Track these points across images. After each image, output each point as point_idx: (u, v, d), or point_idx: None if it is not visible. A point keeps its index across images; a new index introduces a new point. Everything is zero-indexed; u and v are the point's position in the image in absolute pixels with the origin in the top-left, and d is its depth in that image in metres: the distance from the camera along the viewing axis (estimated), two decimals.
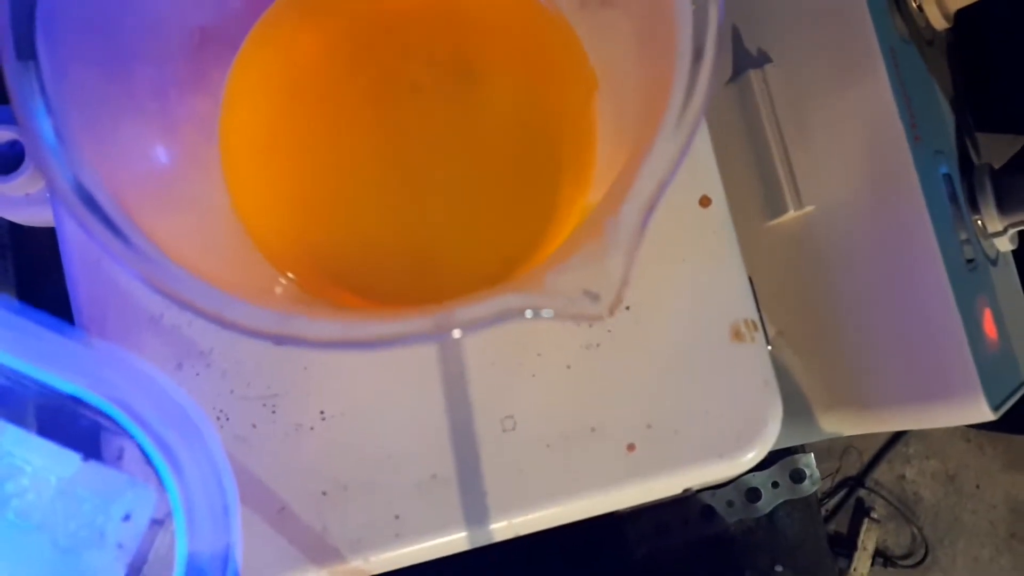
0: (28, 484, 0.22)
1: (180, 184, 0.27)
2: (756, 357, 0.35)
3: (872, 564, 1.01)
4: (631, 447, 0.34)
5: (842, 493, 1.03)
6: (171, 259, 0.21)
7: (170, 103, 0.27)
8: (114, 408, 0.21)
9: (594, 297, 0.18)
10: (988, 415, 0.36)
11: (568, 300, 0.18)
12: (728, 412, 0.34)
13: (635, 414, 0.34)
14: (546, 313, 0.18)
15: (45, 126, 0.23)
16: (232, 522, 0.22)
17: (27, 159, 0.38)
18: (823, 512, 1.02)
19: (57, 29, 0.24)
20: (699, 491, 0.47)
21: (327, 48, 0.32)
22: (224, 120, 0.30)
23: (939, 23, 0.44)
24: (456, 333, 0.19)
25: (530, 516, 0.34)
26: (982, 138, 0.53)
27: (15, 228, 0.42)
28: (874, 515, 1.02)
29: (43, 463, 0.22)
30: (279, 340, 0.19)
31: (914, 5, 0.44)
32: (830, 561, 0.53)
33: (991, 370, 0.37)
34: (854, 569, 1.00)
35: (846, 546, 1.01)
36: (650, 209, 0.19)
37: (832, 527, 1.03)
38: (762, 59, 0.41)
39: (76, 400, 0.21)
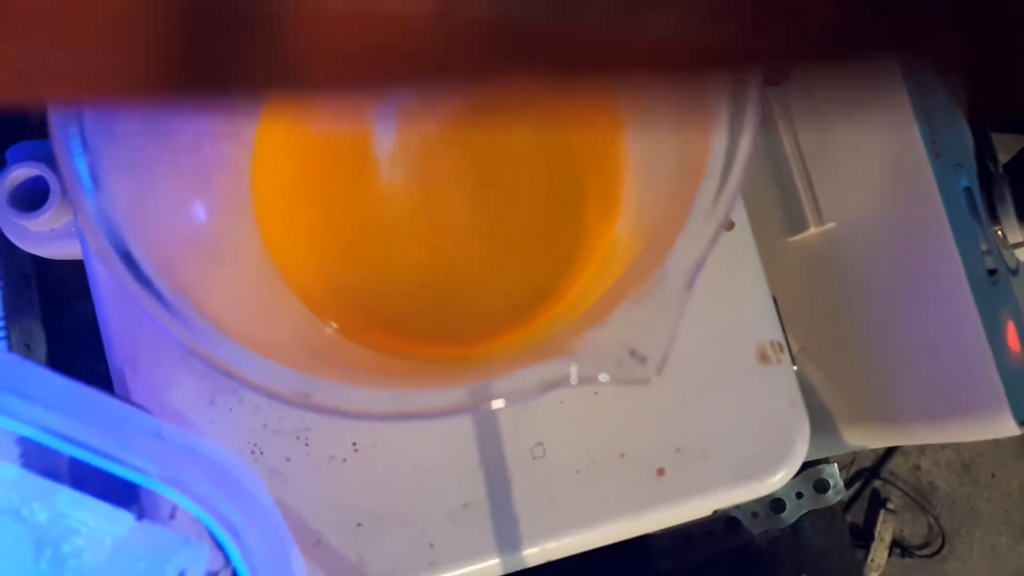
0: (84, 544, 0.23)
1: (216, 235, 0.27)
2: (783, 378, 0.35)
3: (889, 555, 1.01)
4: (661, 471, 0.34)
5: (857, 484, 1.03)
6: (210, 318, 0.21)
7: (204, 153, 0.27)
8: (171, 490, 0.21)
9: (641, 358, 0.18)
10: (1014, 430, 0.36)
11: (615, 363, 0.18)
12: (756, 434, 0.35)
13: (664, 438, 0.35)
14: (603, 378, 0.18)
15: (83, 172, 0.23)
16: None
17: (51, 195, 0.39)
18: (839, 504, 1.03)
19: None
20: None
21: None
22: (255, 166, 0.30)
23: None
24: (499, 404, 0.19)
25: (562, 542, 0.34)
26: (996, 139, 0.53)
27: (38, 258, 0.42)
28: (890, 506, 1.02)
29: (98, 524, 0.23)
30: (330, 413, 0.19)
31: None
32: (855, 570, 0.53)
33: (1017, 384, 0.37)
34: (871, 560, 1.00)
35: (863, 537, 1.01)
36: (699, 266, 0.19)
37: (848, 518, 1.03)
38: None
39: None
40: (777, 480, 0.35)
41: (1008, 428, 0.36)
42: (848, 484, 1.03)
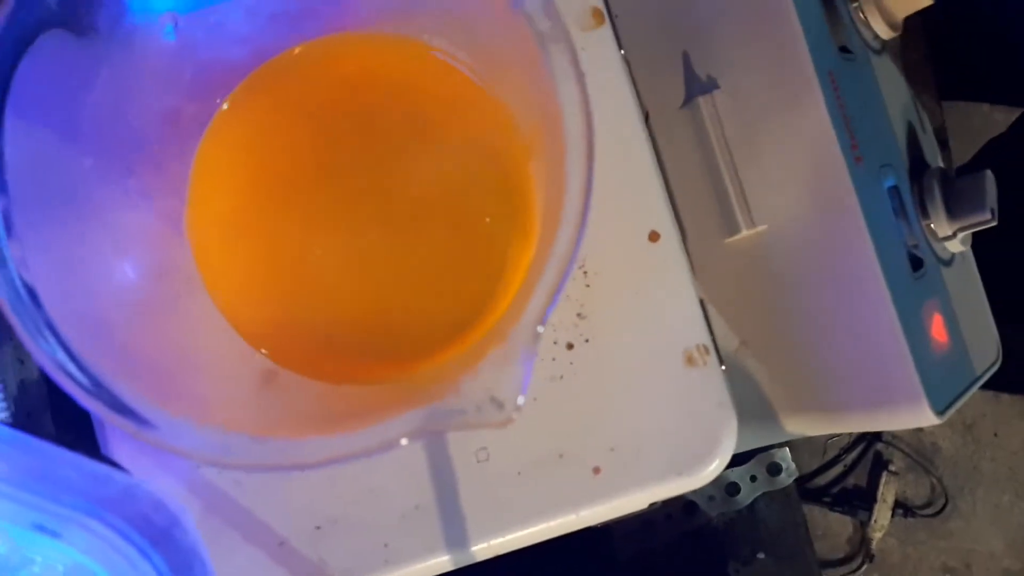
0: (39, 572, 0.26)
1: (153, 286, 0.30)
2: (709, 379, 0.37)
3: (892, 516, 1.03)
4: (597, 470, 0.37)
5: (860, 448, 1.05)
6: (141, 370, 0.24)
7: (139, 209, 0.30)
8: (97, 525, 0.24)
9: (499, 405, 0.21)
10: (933, 419, 0.38)
11: (476, 410, 0.21)
12: (685, 432, 0.37)
13: (599, 439, 0.37)
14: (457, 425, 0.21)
15: None
16: None
17: None
18: (842, 467, 1.05)
19: (22, 136, 0.26)
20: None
21: (289, 127, 0.35)
22: (192, 203, 0.33)
23: (886, 33, 0.45)
24: (404, 442, 0.21)
25: (507, 538, 0.37)
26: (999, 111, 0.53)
27: None
28: (892, 468, 1.04)
29: (50, 554, 0.26)
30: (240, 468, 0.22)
31: (862, 16, 0.45)
32: (809, 548, 0.56)
33: (937, 375, 0.39)
34: (875, 521, 1.02)
35: (866, 499, 1.03)
36: (540, 321, 0.21)
37: (851, 481, 1.05)
38: (711, 85, 0.42)
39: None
40: (707, 475, 0.37)
41: (927, 418, 0.38)
42: (851, 447, 1.05)
